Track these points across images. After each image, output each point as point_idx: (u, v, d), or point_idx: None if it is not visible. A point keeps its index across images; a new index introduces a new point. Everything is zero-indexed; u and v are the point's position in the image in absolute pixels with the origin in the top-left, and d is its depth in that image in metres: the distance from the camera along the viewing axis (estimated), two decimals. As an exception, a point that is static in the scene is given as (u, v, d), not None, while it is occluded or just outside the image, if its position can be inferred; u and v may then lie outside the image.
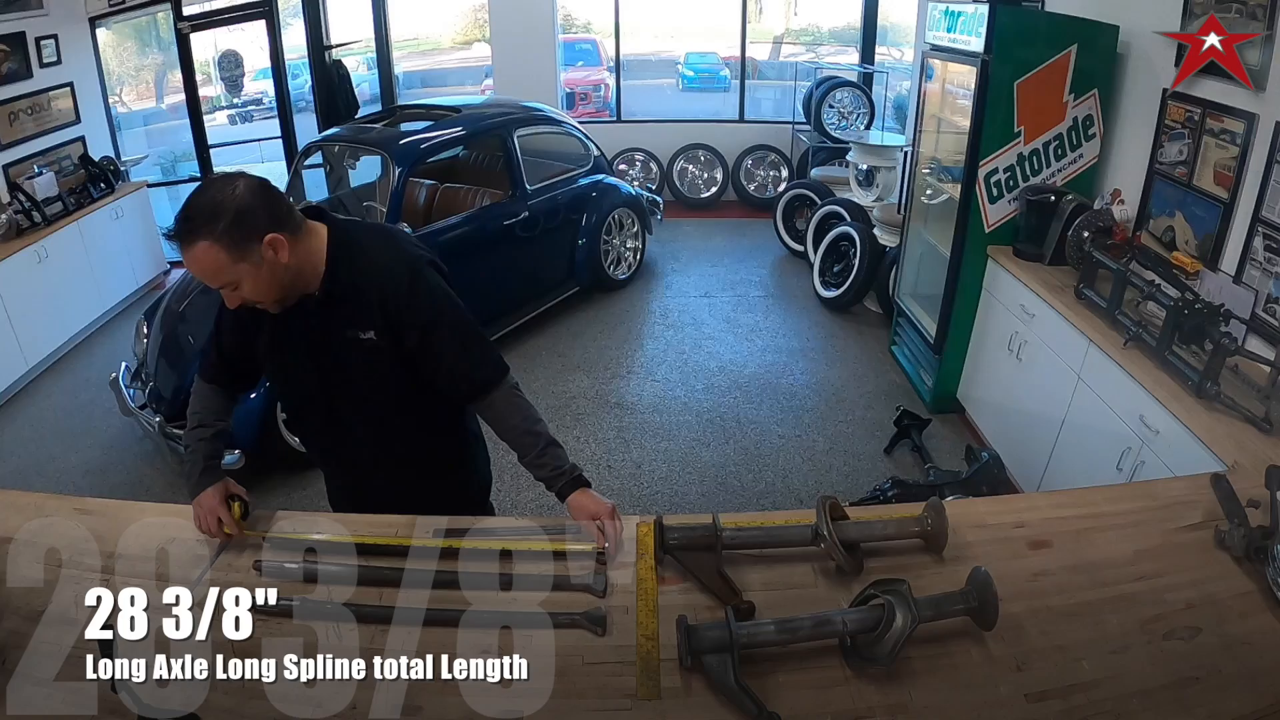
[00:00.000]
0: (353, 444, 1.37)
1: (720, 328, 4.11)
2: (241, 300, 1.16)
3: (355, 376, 1.28)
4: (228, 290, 1.15)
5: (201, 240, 1.09)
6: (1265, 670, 1.01)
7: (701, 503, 2.77)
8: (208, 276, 1.12)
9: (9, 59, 3.97)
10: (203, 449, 1.31)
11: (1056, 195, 2.68)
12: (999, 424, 2.87)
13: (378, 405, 1.32)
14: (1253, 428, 1.68)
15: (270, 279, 1.15)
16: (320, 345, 1.27)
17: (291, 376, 1.33)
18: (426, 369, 1.27)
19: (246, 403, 2.69)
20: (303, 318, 1.25)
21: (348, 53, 5.91)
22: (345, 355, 1.26)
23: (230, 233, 1.09)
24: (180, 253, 1.13)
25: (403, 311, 1.23)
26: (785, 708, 0.95)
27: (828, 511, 1.17)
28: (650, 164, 5.99)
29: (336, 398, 1.31)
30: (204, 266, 1.11)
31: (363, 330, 1.24)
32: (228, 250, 1.10)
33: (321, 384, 1.30)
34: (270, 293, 1.17)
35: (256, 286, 1.15)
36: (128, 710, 0.89)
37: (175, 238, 1.15)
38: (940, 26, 3.03)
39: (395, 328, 1.24)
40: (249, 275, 1.13)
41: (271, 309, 1.21)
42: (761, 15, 8.43)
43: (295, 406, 1.42)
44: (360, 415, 1.33)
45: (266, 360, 1.33)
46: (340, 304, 1.23)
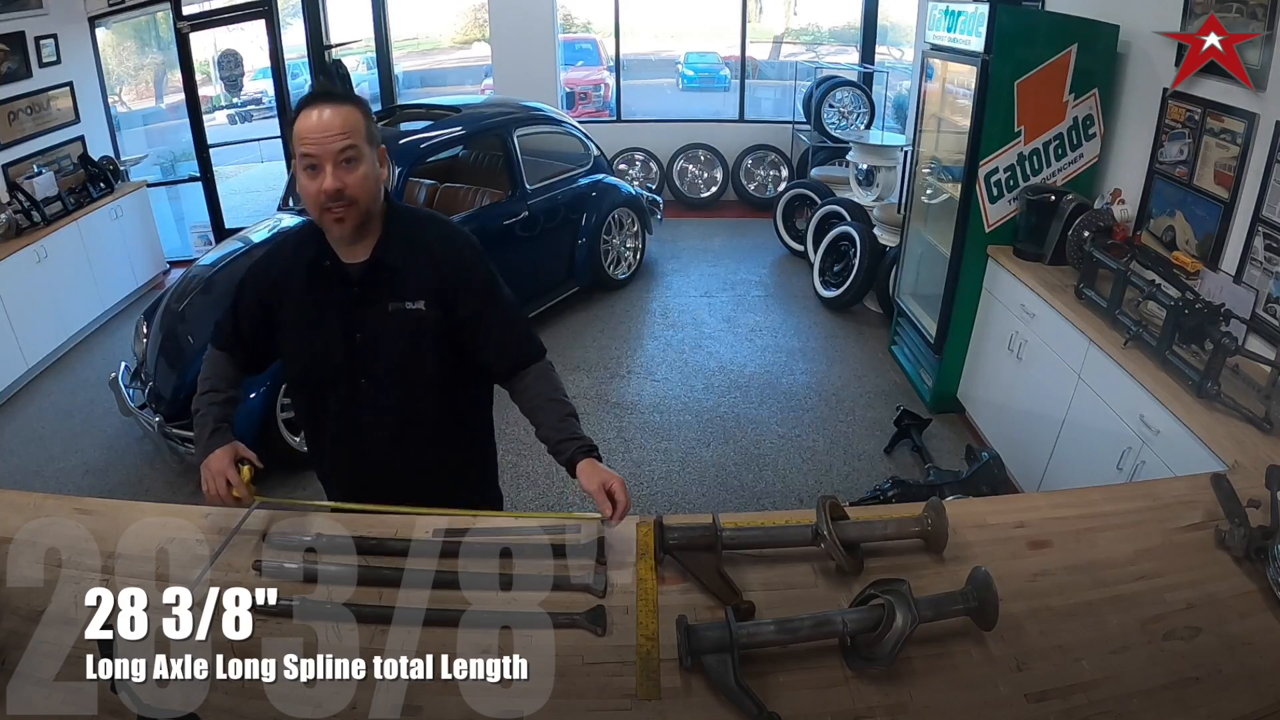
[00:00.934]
0: (371, 430, 1.31)
1: (720, 327, 4.11)
2: (342, 185, 1.14)
3: (391, 350, 1.25)
4: (341, 165, 1.14)
5: (351, 106, 1.16)
6: (1266, 670, 1.01)
7: (701, 503, 2.77)
8: (345, 130, 1.14)
9: (8, 58, 3.96)
10: (213, 412, 1.29)
11: (1057, 195, 2.68)
12: (999, 424, 2.87)
13: (408, 382, 1.27)
14: (1253, 427, 1.68)
15: (375, 182, 1.19)
16: (356, 316, 1.24)
17: (316, 351, 1.27)
18: (475, 340, 1.27)
19: (247, 403, 2.69)
20: (340, 288, 1.23)
21: (347, 52, 5.91)
22: (385, 327, 1.24)
23: (369, 117, 1.19)
24: (318, 109, 1.14)
25: (462, 282, 1.24)
26: (785, 708, 0.95)
27: (828, 511, 1.16)
28: (650, 164, 5.99)
29: (362, 375, 1.26)
30: (347, 119, 1.14)
31: (411, 300, 1.23)
32: (367, 125, 1.17)
33: (349, 359, 1.25)
34: (369, 195, 1.18)
35: (366, 177, 1.17)
36: (128, 710, 0.89)
37: (318, 97, 1.16)
38: (940, 26, 3.03)
39: (450, 298, 1.24)
40: (368, 161, 1.17)
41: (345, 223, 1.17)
42: (761, 15, 8.42)
43: (313, 387, 1.32)
44: (386, 395, 1.28)
45: (288, 335, 1.28)
46: (389, 273, 1.23)
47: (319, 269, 1.24)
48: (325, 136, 1.13)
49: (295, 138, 1.16)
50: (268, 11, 5.05)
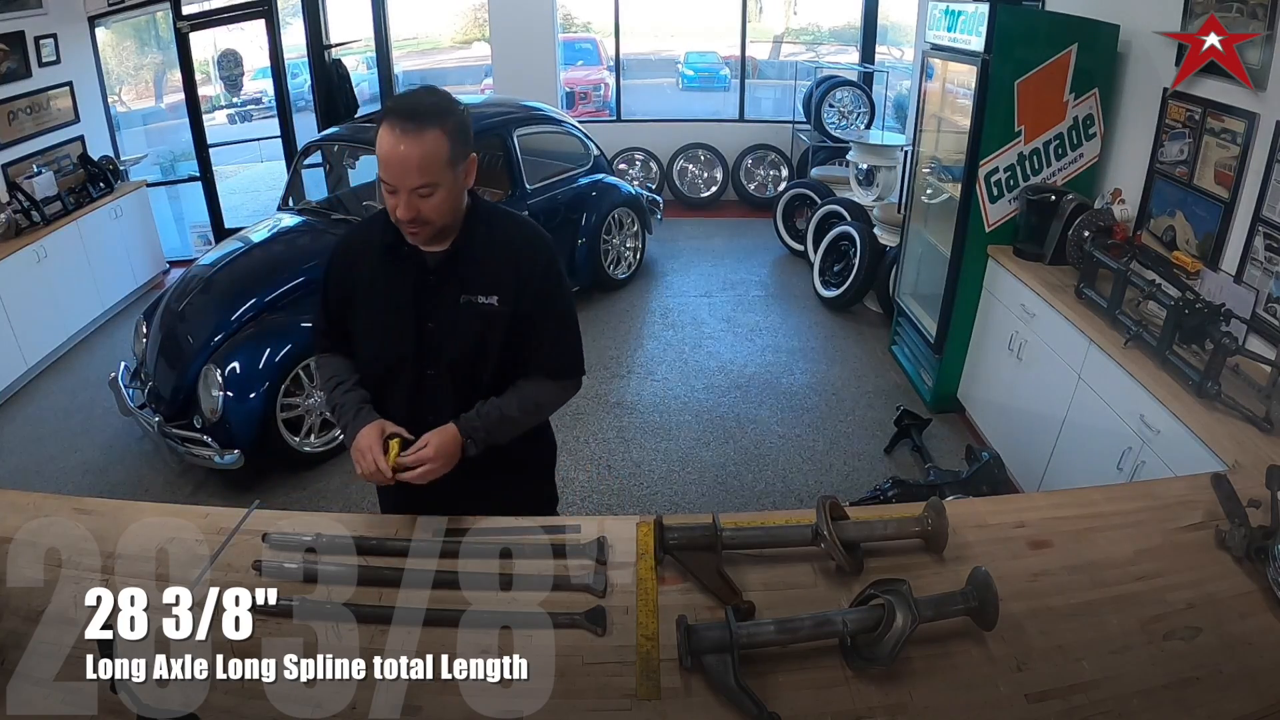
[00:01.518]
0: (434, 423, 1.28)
1: (720, 327, 4.11)
2: (416, 213, 1.13)
3: (459, 342, 1.25)
4: (416, 195, 1.11)
5: (433, 128, 1.09)
6: (1266, 670, 1.01)
7: (701, 503, 2.77)
8: (423, 167, 1.09)
9: (8, 58, 3.96)
10: (349, 398, 1.29)
11: (1057, 195, 2.68)
12: (999, 424, 2.87)
13: (472, 376, 1.28)
14: (1253, 427, 1.68)
15: (456, 199, 1.17)
16: (429, 306, 1.24)
17: (386, 337, 1.27)
18: (527, 338, 1.27)
19: (247, 403, 2.69)
20: (416, 275, 1.23)
21: (347, 52, 5.91)
22: (455, 319, 1.24)
23: (456, 134, 1.12)
24: (396, 137, 1.08)
25: (537, 285, 1.25)
26: (785, 708, 0.95)
27: (828, 511, 1.16)
28: (650, 163, 5.99)
29: (430, 365, 1.27)
30: (425, 153, 1.09)
31: (485, 294, 1.23)
32: (450, 148, 1.11)
33: (418, 348, 1.25)
34: (446, 213, 1.16)
35: (445, 200, 1.14)
36: (128, 710, 0.89)
37: (398, 117, 1.08)
38: (940, 26, 3.03)
39: (522, 296, 1.24)
40: (449, 184, 1.14)
41: (419, 238, 1.18)
42: (761, 14, 8.42)
43: (380, 374, 1.32)
44: (451, 387, 1.28)
45: (362, 317, 1.28)
46: (466, 265, 1.23)
47: (398, 254, 1.23)
48: (401, 172, 1.11)
49: (377, 151, 1.13)
50: (267, 11, 5.05)
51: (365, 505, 2.77)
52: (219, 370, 2.68)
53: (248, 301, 2.91)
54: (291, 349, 2.81)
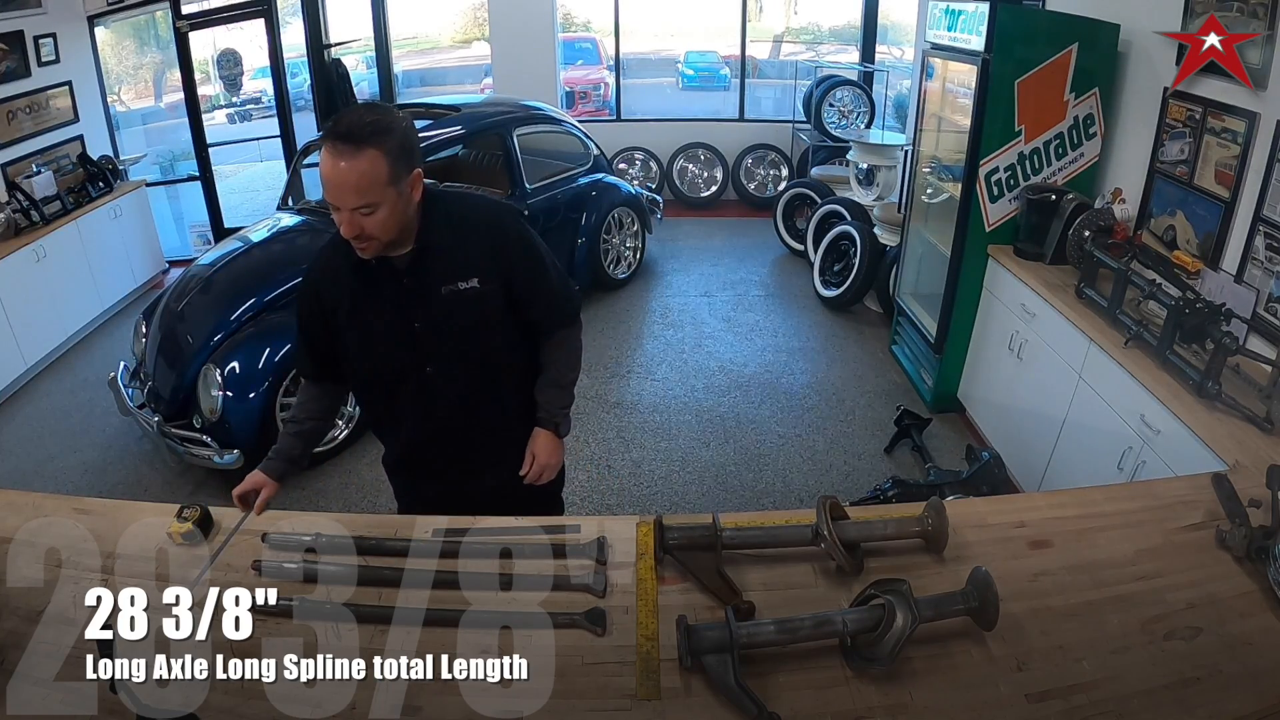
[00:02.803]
0: (445, 418, 1.31)
1: (720, 327, 4.10)
2: (360, 231, 1.13)
3: (454, 331, 1.26)
4: (358, 214, 1.12)
5: (371, 148, 1.09)
6: (1266, 670, 1.01)
7: (701, 503, 2.77)
8: (360, 188, 1.10)
9: (7, 57, 3.96)
10: (286, 441, 1.36)
11: (1057, 194, 2.67)
12: (999, 423, 2.87)
13: (474, 362, 1.29)
14: (1254, 427, 1.67)
15: (400, 215, 1.17)
16: (414, 304, 1.24)
17: (380, 347, 1.28)
18: (527, 304, 1.30)
19: (246, 402, 2.69)
20: (390, 281, 1.24)
21: (347, 51, 5.91)
22: (442, 310, 1.24)
23: (396, 153, 1.11)
24: (334, 158, 1.09)
25: (512, 254, 1.27)
26: (785, 708, 0.95)
27: (828, 511, 1.16)
28: (650, 163, 5.98)
29: (428, 364, 1.27)
30: (362, 174, 1.09)
31: (464, 280, 1.24)
32: (389, 168, 1.11)
33: (415, 348, 1.26)
34: (391, 230, 1.16)
35: (388, 217, 1.14)
36: (127, 710, 0.89)
37: (336, 139, 1.09)
38: (941, 25, 3.03)
39: (504, 271, 1.26)
40: (390, 202, 1.13)
41: (368, 253, 1.18)
42: (761, 14, 8.42)
43: (383, 386, 1.33)
44: (454, 378, 1.29)
45: (349, 338, 1.29)
46: (437, 257, 1.23)
47: (367, 266, 1.24)
48: (339, 192, 1.11)
49: (320, 169, 1.14)
50: (267, 10, 5.05)
51: (365, 505, 2.77)
52: (218, 370, 2.68)
53: (247, 301, 2.91)
54: (291, 348, 2.81)
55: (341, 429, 3.04)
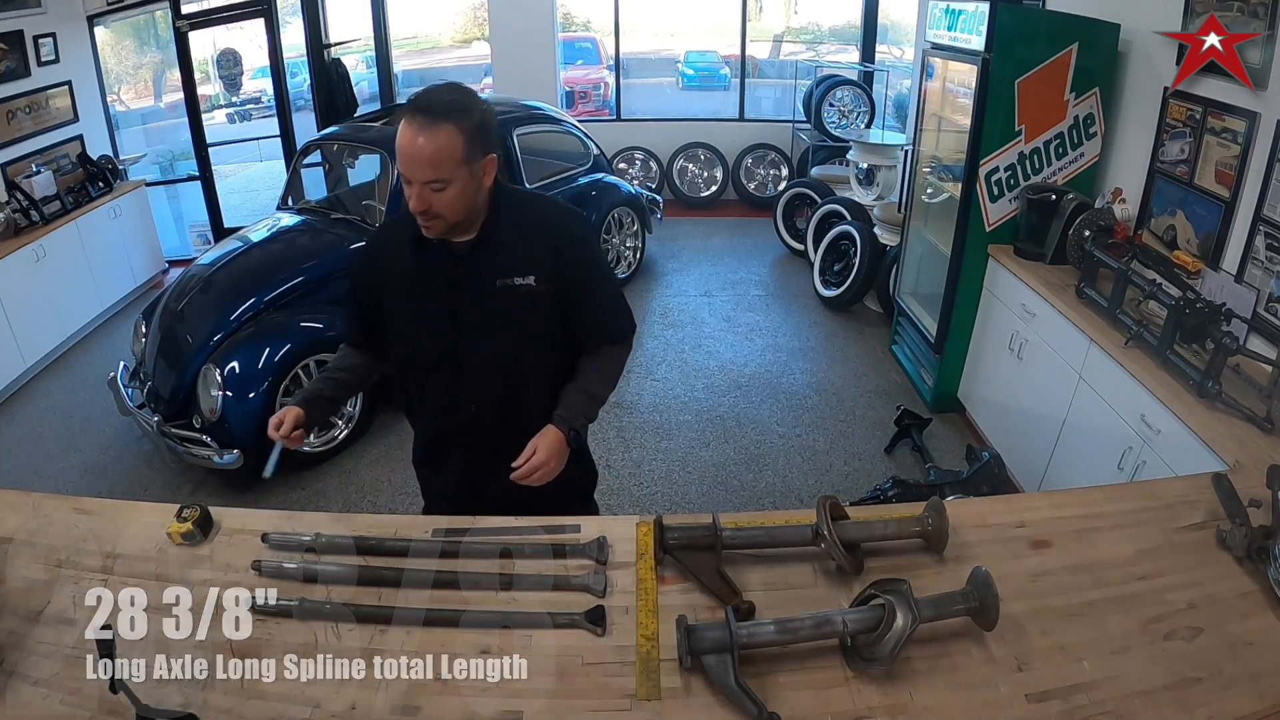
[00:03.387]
0: (476, 414, 1.30)
1: (720, 327, 4.10)
2: (428, 206, 1.13)
3: (499, 326, 1.25)
4: (429, 189, 1.12)
5: (449, 124, 1.10)
6: (1267, 671, 1.01)
7: (701, 503, 2.77)
8: (434, 162, 1.11)
9: (7, 57, 3.96)
10: (317, 383, 1.37)
11: (1057, 194, 2.67)
12: (1000, 423, 2.87)
13: (514, 362, 1.28)
14: (1254, 427, 1.67)
15: (470, 197, 1.17)
16: (463, 294, 1.24)
17: (422, 330, 1.28)
18: (577, 312, 1.29)
19: (246, 402, 2.69)
20: (446, 265, 1.24)
21: (346, 51, 5.90)
22: (491, 304, 1.24)
23: (472, 133, 1.12)
24: (412, 130, 1.10)
25: (576, 257, 1.27)
26: (785, 708, 0.94)
27: (828, 511, 1.16)
28: (650, 163, 5.98)
29: (468, 357, 1.27)
30: (438, 148, 1.10)
31: (521, 276, 1.23)
32: (465, 146, 1.12)
33: (457, 338, 1.26)
34: (459, 210, 1.16)
35: (458, 197, 1.15)
36: (127, 710, 0.88)
37: (416, 111, 1.11)
38: (941, 25, 3.03)
39: (562, 273, 1.25)
40: (461, 181, 1.14)
41: (432, 231, 1.18)
42: (762, 13, 8.42)
43: (418, 371, 1.32)
44: (491, 377, 1.28)
45: (395, 315, 1.29)
46: (497, 249, 1.23)
47: (428, 245, 1.23)
48: (413, 164, 1.12)
49: (397, 141, 1.14)
50: (266, 10, 5.04)
51: (365, 505, 2.77)
52: (218, 370, 2.68)
53: (247, 301, 2.91)
54: (291, 348, 2.81)
55: (341, 429, 3.04)
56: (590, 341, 1.33)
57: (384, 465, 2.97)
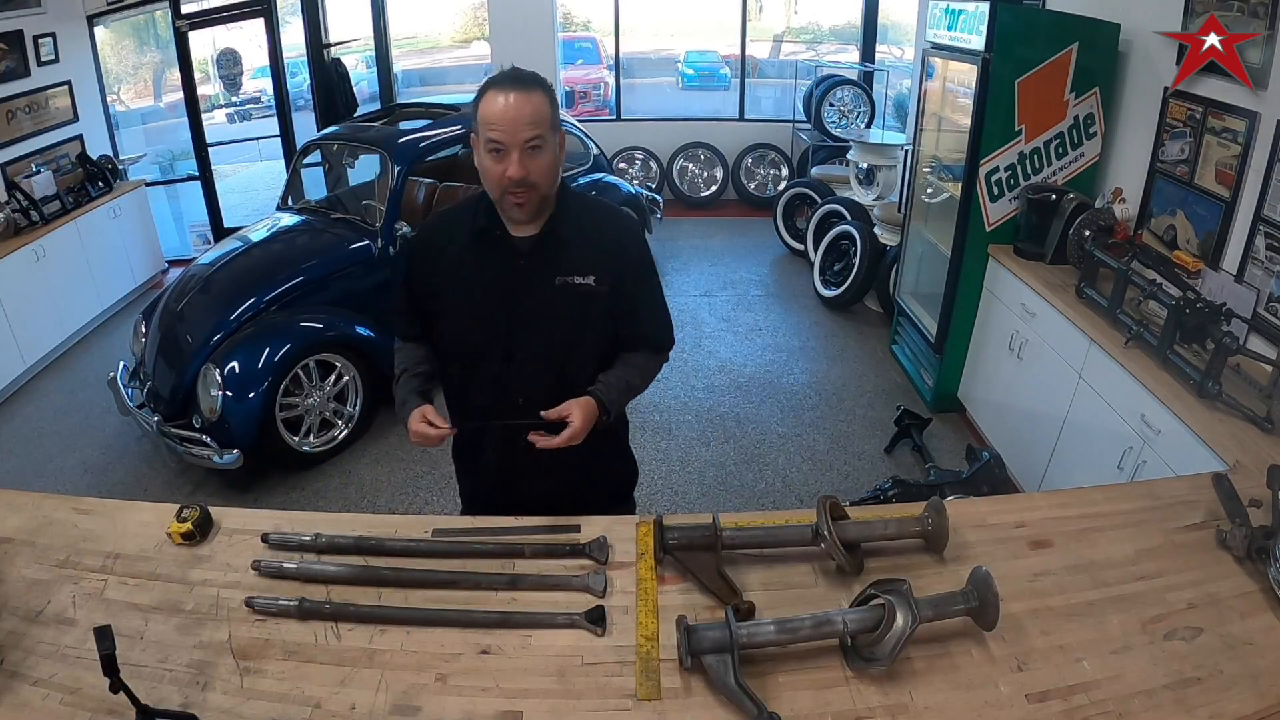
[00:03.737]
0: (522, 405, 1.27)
1: (720, 327, 4.10)
2: (526, 172, 1.15)
3: (552, 324, 1.26)
4: (527, 151, 1.14)
5: (538, 89, 1.16)
6: (1267, 670, 1.01)
7: (701, 503, 2.77)
8: (534, 119, 1.14)
9: (7, 57, 3.95)
10: (410, 384, 1.33)
11: (1057, 194, 2.67)
12: (1000, 423, 2.87)
13: (564, 358, 1.28)
14: (1254, 427, 1.67)
15: (557, 169, 1.20)
16: (523, 287, 1.24)
17: (475, 320, 1.28)
18: (628, 316, 1.30)
19: (246, 402, 2.69)
20: (508, 259, 1.24)
21: (346, 51, 5.91)
22: (549, 300, 1.24)
23: (555, 103, 1.19)
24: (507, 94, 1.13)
25: (636, 262, 1.30)
26: (785, 708, 0.94)
27: (828, 511, 1.16)
28: (650, 162, 5.98)
29: (518, 350, 1.27)
30: (535, 107, 1.14)
31: (581, 275, 1.24)
32: (551, 111, 1.17)
33: (509, 332, 1.26)
34: (550, 179, 1.19)
35: (551, 164, 1.18)
36: (127, 710, 0.88)
37: (506, 81, 1.16)
38: (941, 25, 3.03)
39: (621, 276, 1.27)
40: (553, 148, 1.18)
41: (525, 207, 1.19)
42: (762, 13, 8.42)
43: (468, 360, 1.31)
44: (539, 370, 1.27)
45: (448, 302, 1.28)
46: (559, 247, 1.24)
47: (490, 238, 1.24)
48: (514, 125, 1.13)
49: (480, 118, 1.16)
50: (266, 10, 5.04)
51: (365, 505, 2.77)
52: (218, 370, 2.68)
53: (247, 301, 2.91)
54: (291, 348, 2.81)
55: (341, 429, 3.04)
56: (634, 343, 1.35)
57: (384, 465, 2.97)
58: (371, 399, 3.10)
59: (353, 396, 3.07)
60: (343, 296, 3.07)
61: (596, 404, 1.24)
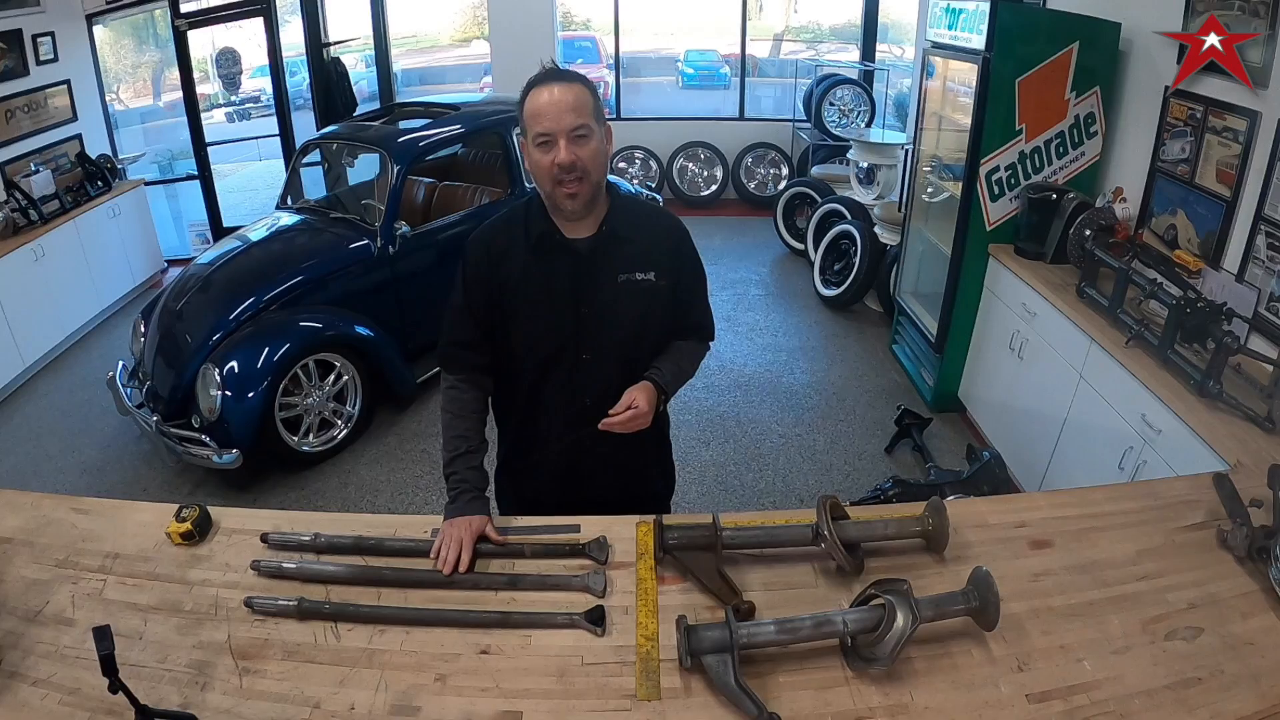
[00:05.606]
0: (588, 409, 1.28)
1: (720, 326, 4.05)
2: (575, 159, 1.16)
3: (620, 321, 1.27)
4: (574, 139, 1.16)
5: (579, 82, 1.20)
6: (1268, 671, 1.01)
7: (701, 503, 2.77)
8: (578, 108, 1.17)
9: (5, 56, 3.95)
10: (469, 477, 1.27)
11: (1058, 193, 2.67)
12: (1000, 423, 2.87)
13: (633, 354, 1.30)
14: (1255, 427, 1.67)
15: (604, 158, 1.22)
16: (586, 287, 1.26)
17: (543, 326, 1.28)
18: (683, 309, 1.36)
19: (245, 402, 2.69)
20: (569, 260, 1.25)
21: (346, 50, 5.90)
22: (614, 298, 1.26)
23: (596, 96, 1.22)
24: (550, 86, 1.17)
25: (690, 257, 1.37)
26: (785, 708, 0.94)
27: (828, 511, 1.16)
28: (650, 162, 5.98)
29: (586, 350, 1.28)
30: (578, 96, 1.17)
31: (643, 271, 1.27)
32: (595, 103, 1.21)
33: (577, 333, 1.27)
34: (599, 168, 1.21)
35: (599, 153, 1.20)
36: (127, 710, 0.88)
37: (547, 77, 1.20)
38: (941, 24, 3.03)
39: (679, 271, 1.32)
40: (598, 137, 1.20)
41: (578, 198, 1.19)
42: (762, 12, 8.42)
43: (538, 367, 1.30)
44: (608, 368, 1.28)
45: (516, 310, 1.27)
46: (619, 244, 1.26)
47: (550, 242, 1.25)
48: (559, 113, 1.16)
49: (527, 116, 1.19)
50: (266, 9, 5.04)
51: (365, 505, 2.76)
52: (217, 369, 2.68)
53: (246, 300, 2.91)
54: (290, 348, 2.80)
55: (340, 428, 3.04)
56: (684, 333, 1.40)
57: (384, 465, 2.97)
58: (371, 399, 3.10)
59: (352, 396, 3.06)
60: (342, 296, 3.07)
61: (655, 387, 1.27)
